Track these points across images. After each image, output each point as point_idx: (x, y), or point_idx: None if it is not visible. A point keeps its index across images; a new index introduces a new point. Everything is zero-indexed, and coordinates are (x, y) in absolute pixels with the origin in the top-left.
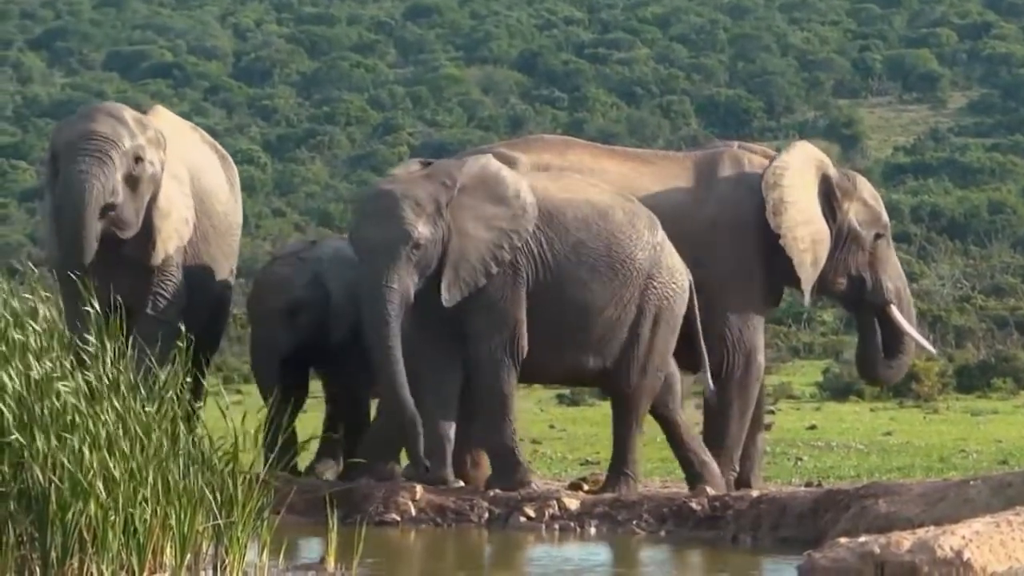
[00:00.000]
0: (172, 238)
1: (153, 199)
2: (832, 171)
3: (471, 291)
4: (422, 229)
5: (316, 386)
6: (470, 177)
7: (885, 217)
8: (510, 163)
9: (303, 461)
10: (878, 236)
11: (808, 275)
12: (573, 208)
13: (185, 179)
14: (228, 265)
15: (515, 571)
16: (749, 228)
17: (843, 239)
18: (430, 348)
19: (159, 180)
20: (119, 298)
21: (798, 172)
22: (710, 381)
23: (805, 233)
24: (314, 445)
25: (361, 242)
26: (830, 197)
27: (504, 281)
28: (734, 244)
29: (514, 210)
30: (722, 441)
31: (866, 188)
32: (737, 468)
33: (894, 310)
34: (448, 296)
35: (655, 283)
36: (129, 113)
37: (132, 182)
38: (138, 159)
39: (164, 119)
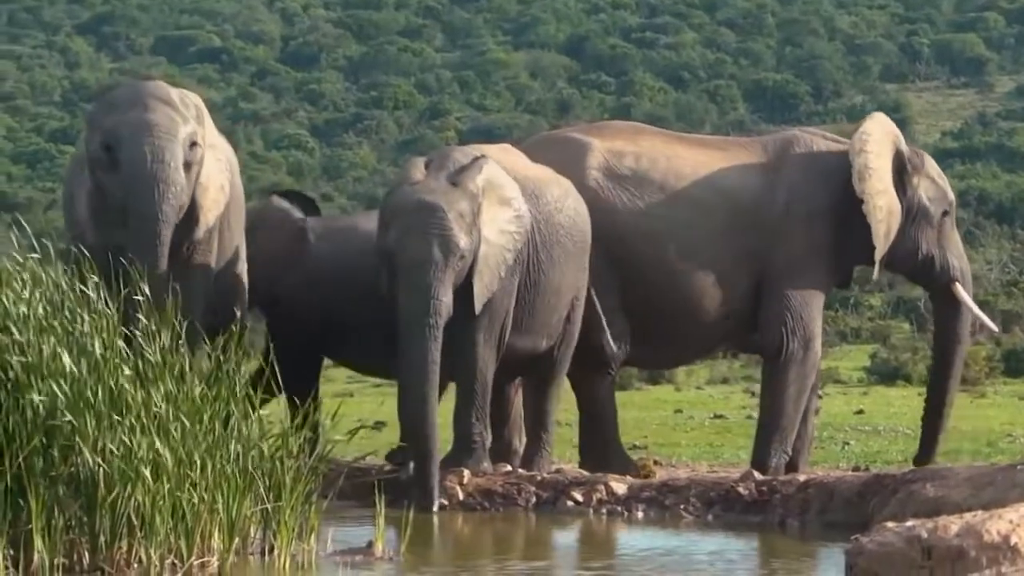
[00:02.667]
0: (212, 209)
1: (196, 175)
2: (904, 146)
3: (490, 296)
4: (464, 241)
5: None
6: (484, 182)
7: (951, 195)
8: (585, 149)
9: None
10: (944, 214)
11: (881, 246)
12: (550, 188)
13: (219, 144)
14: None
15: (562, 554)
16: (821, 213)
17: (913, 215)
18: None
19: (203, 156)
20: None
21: (878, 141)
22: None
23: (883, 203)
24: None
25: (406, 256)
26: (902, 172)
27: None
28: (806, 229)
29: (517, 212)
30: (777, 424)
31: (933, 166)
32: (790, 452)
33: (959, 288)
34: (478, 305)
35: (585, 262)
36: (175, 94)
37: (187, 167)
38: (193, 144)
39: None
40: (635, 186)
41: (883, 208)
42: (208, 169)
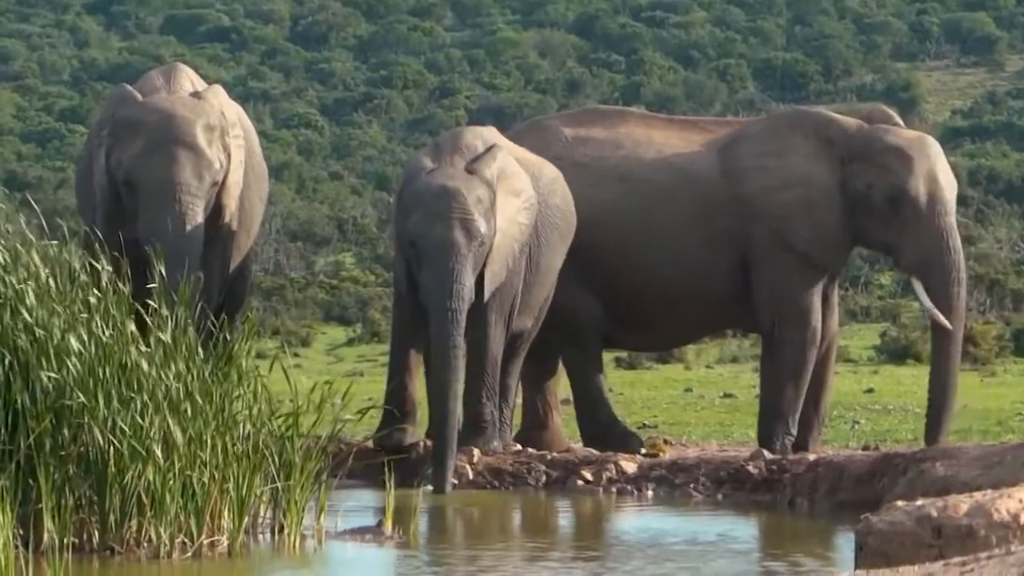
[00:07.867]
0: (231, 203)
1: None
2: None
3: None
4: (484, 226)
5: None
6: (499, 171)
7: None
8: (550, 137)
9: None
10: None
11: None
12: (544, 172)
13: (235, 120)
14: (262, 211)
15: (574, 534)
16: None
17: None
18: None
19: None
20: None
21: None
22: None
23: None
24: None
25: (429, 240)
26: None
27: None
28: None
29: (527, 203)
30: (778, 406)
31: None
32: (794, 432)
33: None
34: (486, 294)
35: (569, 243)
36: (199, 125)
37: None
38: (214, 184)
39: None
40: (591, 174)
41: None
42: (231, 167)
